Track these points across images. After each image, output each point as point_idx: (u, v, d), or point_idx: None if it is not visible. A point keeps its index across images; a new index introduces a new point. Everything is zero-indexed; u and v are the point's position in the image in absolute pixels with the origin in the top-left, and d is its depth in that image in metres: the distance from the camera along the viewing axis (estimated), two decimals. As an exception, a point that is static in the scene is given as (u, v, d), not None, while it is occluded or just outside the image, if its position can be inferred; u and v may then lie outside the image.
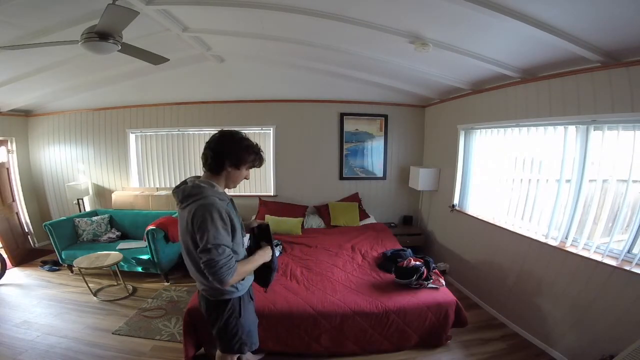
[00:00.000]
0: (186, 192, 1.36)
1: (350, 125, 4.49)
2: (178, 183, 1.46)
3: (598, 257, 2.08)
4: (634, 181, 1.98)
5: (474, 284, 3.32)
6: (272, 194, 4.54)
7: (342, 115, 4.43)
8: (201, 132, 4.47)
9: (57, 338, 2.48)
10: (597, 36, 1.84)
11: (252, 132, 4.48)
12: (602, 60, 1.98)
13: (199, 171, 1.50)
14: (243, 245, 1.54)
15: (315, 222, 4.27)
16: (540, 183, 2.63)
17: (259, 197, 4.46)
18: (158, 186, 4.55)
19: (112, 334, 2.56)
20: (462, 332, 2.56)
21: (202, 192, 1.33)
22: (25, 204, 4.51)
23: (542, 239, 2.50)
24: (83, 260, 3.17)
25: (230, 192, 5.27)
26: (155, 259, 3.45)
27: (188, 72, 3.77)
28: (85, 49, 1.93)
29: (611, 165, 2.12)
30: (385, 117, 4.49)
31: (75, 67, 3.14)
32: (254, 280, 1.67)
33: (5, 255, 3.68)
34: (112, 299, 3.16)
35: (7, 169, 4.28)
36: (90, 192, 4.56)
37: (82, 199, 4.45)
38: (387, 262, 2.96)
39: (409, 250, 3.08)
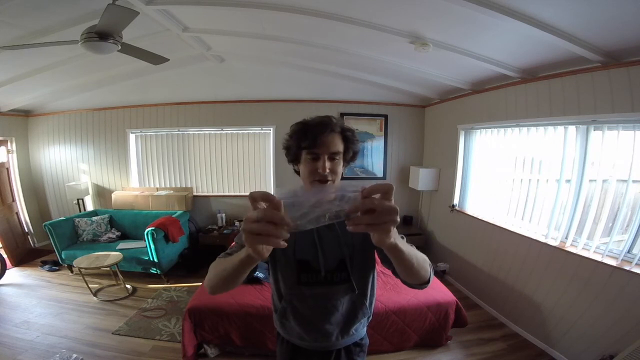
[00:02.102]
0: None
1: (350, 125, 4.48)
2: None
3: (598, 257, 2.08)
4: (634, 181, 1.98)
5: (474, 284, 3.32)
6: (272, 193, 4.53)
7: (342, 115, 4.42)
8: (201, 132, 4.47)
9: (57, 338, 2.48)
10: (597, 36, 1.84)
11: (252, 132, 4.49)
12: (602, 60, 1.98)
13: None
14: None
15: (315, 222, 4.26)
16: (540, 183, 2.63)
17: (259, 197, 4.45)
18: (158, 186, 4.55)
19: (112, 334, 2.56)
20: (462, 332, 2.56)
21: None
22: (25, 204, 4.50)
23: (542, 239, 2.50)
24: (83, 260, 3.17)
25: (229, 191, 5.16)
26: (155, 259, 3.45)
27: (188, 72, 3.78)
28: (85, 49, 1.93)
29: (611, 165, 2.12)
30: (385, 117, 4.49)
31: (75, 67, 3.14)
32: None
33: (5, 255, 3.68)
34: (112, 299, 3.16)
35: (7, 169, 4.27)
36: (90, 192, 4.56)
37: (82, 199, 4.45)
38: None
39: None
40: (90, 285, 3.26)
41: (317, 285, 0.99)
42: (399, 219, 0.58)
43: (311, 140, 0.92)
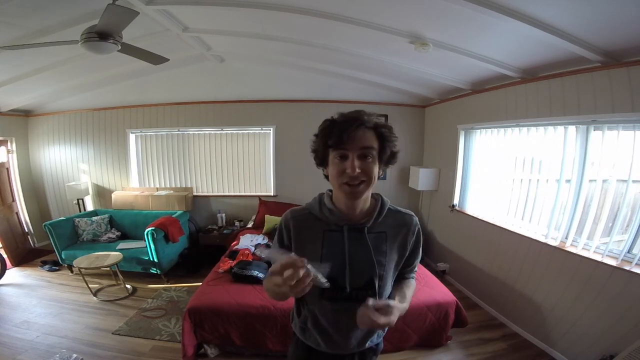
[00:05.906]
0: None
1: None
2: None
3: (598, 257, 2.08)
4: (634, 181, 1.98)
5: (474, 284, 3.32)
6: (272, 194, 4.54)
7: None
8: (201, 132, 4.47)
9: (57, 338, 2.48)
10: (597, 36, 1.84)
11: (252, 132, 4.49)
12: (602, 60, 1.98)
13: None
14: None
15: (315, 222, 4.26)
16: (540, 183, 2.63)
17: (259, 197, 4.46)
18: (158, 186, 4.55)
19: (112, 334, 2.56)
20: (462, 332, 2.56)
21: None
22: (25, 204, 4.50)
23: (542, 239, 2.50)
24: (83, 260, 3.17)
25: (229, 191, 5.16)
26: (155, 259, 3.45)
27: (188, 72, 3.78)
28: (85, 49, 1.93)
29: (611, 165, 2.12)
30: (385, 117, 4.47)
31: (75, 67, 3.15)
32: None
33: (5, 255, 3.68)
34: (112, 299, 3.16)
35: (7, 169, 4.27)
36: (90, 192, 4.56)
37: (82, 199, 4.45)
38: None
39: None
40: (90, 285, 3.26)
41: (341, 301, 0.95)
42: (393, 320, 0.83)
43: (337, 136, 0.83)
